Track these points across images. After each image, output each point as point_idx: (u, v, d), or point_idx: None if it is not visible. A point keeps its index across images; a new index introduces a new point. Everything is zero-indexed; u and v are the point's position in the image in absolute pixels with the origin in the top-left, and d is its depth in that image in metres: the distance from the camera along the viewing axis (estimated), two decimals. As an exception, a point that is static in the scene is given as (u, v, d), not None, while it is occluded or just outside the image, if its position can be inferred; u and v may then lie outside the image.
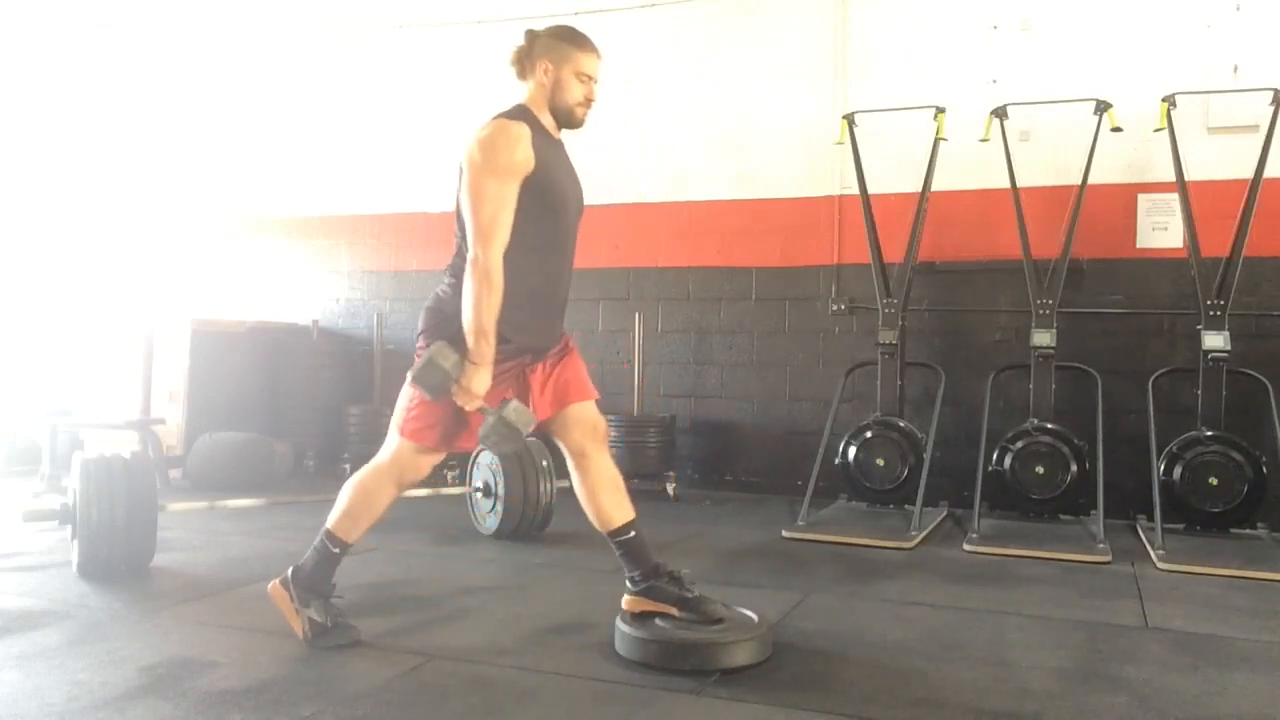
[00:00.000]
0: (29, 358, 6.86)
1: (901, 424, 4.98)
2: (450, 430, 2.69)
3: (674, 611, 2.74)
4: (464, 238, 2.62)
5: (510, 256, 2.57)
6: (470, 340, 2.54)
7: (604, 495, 2.77)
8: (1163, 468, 4.51)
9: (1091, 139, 4.83)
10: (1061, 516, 4.80)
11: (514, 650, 2.78)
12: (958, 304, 5.45)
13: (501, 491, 4.33)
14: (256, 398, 6.55)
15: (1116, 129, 4.81)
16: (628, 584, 2.81)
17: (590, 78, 2.74)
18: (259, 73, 7.12)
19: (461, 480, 4.94)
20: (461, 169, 2.63)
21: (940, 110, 5.11)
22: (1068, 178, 5.00)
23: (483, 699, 2.41)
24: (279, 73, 7.07)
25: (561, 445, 2.83)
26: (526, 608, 3.27)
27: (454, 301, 2.62)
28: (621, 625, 2.73)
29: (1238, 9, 5.01)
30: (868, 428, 4.97)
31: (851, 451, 4.94)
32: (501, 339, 2.59)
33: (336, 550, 2.79)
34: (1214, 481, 4.41)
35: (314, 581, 2.79)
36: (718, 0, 5.95)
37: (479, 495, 4.47)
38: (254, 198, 7.16)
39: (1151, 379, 4.80)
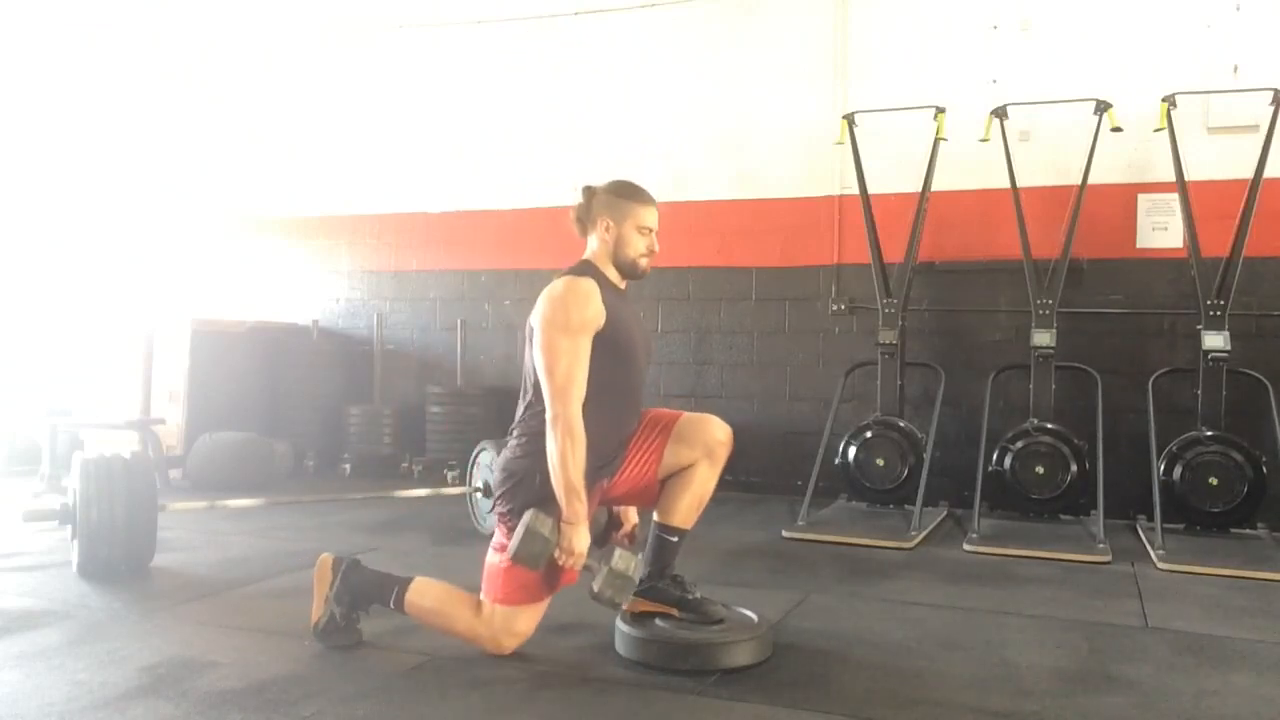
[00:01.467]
0: (29, 358, 6.85)
1: (901, 424, 4.98)
2: (549, 575, 2.65)
3: (674, 612, 2.75)
4: (536, 395, 2.64)
5: (585, 409, 2.57)
6: (563, 500, 2.53)
7: (687, 497, 2.77)
8: (1163, 468, 4.51)
9: (1091, 139, 4.83)
10: (1061, 516, 4.79)
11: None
12: (958, 304, 5.45)
13: (501, 491, 4.33)
14: (256, 398, 6.55)
15: (1116, 129, 4.81)
16: (631, 584, 2.81)
17: (650, 230, 2.76)
18: (259, 73, 7.12)
19: (461, 480, 4.94)
20: (532, 328, 2.64)
21: (940, 110, 5.11)
22: (1068, 178, 5.00)
23: (483, 699, 2.41)
24: (279, 73, 7.06)
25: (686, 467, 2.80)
26: (526, 608, 3.26)
27: (524, 461, 2.64)
28: (622, 625, 2.73)
29: (1238, 9, 5.01)
30: (868, 428, 4.97)
31: (851, 451, 4.94)
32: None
33: (390, 607, 2.77)
34: (1214, 481, 4.41)
35: (362, 594, 2.78)
36: (718, 0, 5.94)
37: (479, 495, 4.47)
38: (254, 198, 7.16)
39: (1151, 379, 4.80)
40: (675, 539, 2.79)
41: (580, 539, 2.55)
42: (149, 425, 5.61)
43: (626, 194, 2.75)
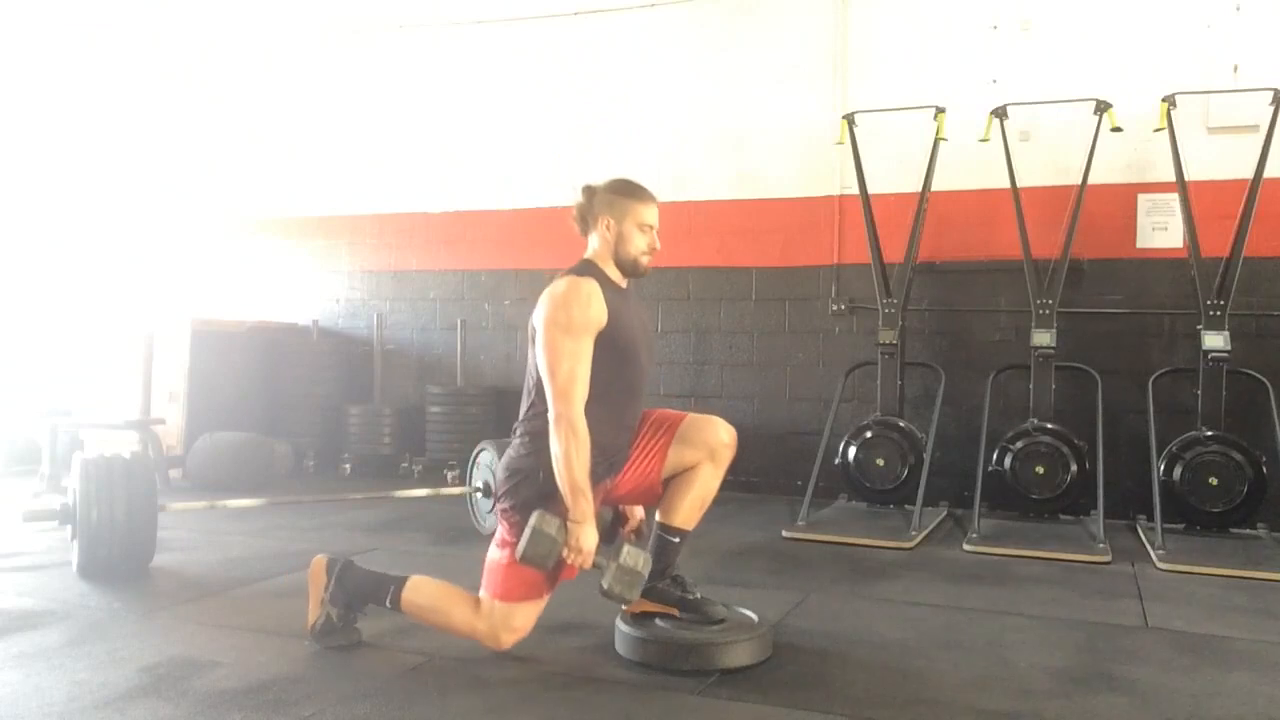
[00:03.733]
0: (29, 358, 6.85)
1: (901, 424, 4.98)
2: (552, 571, 2.64)
3: (675, 613, 2.75)
4: (539, 395, 2.64)
5: (588, 408, 2.57)
6: (569, 499, 2.53)
7: (690, 498, 2.77)
8: (1163, 468, 4.50)
9: (1091, 139, 4.83)
10: (1061, 516, 4.79)
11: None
12: (958, 304, 5.45)
13: (501, 491, 4.33)
14: (256, 398, 6.55)
15: (1116, 129, 4.81)
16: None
17: (651, 227, 2.75)
18: (259, 73, 7.12)
19: (462, 480, 4.94)
20: (534, 328, 2.64)
21: (940, 110, 5.11)
22: (1068, 178, 5.00)
23: (483, 699, 2.41)
24: (279, 73, 7.06)
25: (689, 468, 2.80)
26: (526, 608, 3.27)
27: (528, 460, 2.63)
28: (622, 625, 2.73)
29: (1238, 9, 5.01)
30: (868, 428, 4.97)
31: (851, 451, 4.94)
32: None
33: (385, 607, 2.77)
34: (1214, 481, 4.41)
35: (357, 594, 2.79)
36: (718, 0, 5.95)
37: (479, 495, 4.47)
38: (254, 198, 7.16)
39: (1151, 379, 4.80)
40: (677, 539, 2.79)
41: (588, 537, 2.55)
42: (149, 425, 5.60)
43: (627, 192, 2.75)
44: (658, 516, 2.81)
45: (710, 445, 2.76)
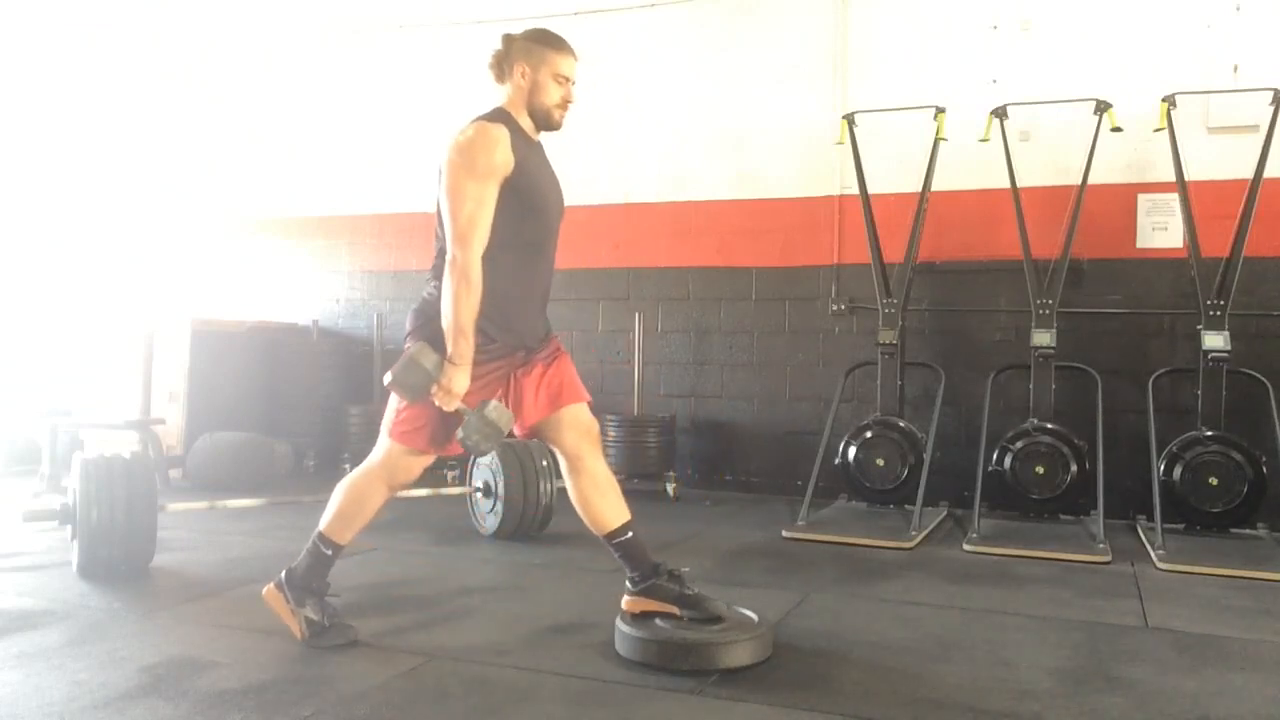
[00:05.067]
0: (29, 358, 6.85)
1: (901, 424, 4.98)
2: (439, 432, 2.70)
3: (676, 611, 2.74)
4: (445, 239, 2.64)
5: (491, 257, 2.59)
6: (449, 340, 2.56)
7: (599, 498, 2.79)
8: (1163, 468, 4.50)
9: (1091, 139, 4.83)
10: (1061, 516, 4.79)
11: (514, 650, 2.78)
12: (958, 304, 5.45)
13: (501, 491, 4.33)
14: (256, 398, 6.55)
15: (1116, 129, 4.81)
16: (628, 584, 2.81)
17: (568, 79, 2.77)
18: (259, 73, 7.12)
19: (461, 480, 4.94)
20: (440, 171, 2.63)
21: (940, 110, 5.11)
22: (1068, 178, 5.00)
23: (483, 699, 2.41)
24: (279, 73, 7.07)
25: (555, 449, 2.84)
26: (526, 608, 3.27)
27: (439, 303, 2.63)
28: (621, 625, 2.73)
29: (1238, 9, 5.01)
30: (868, 428, 4.97)
31: (851, 451, 4.94)
32: (487, 339, 2.62)
33: (329, 552, 2.79)
34: (1214, 481, 4.41)
35: (308, 582, 2.80)
36: (717, 0, 5.95)
37: (479, 495, 4.47)
38: (254, 198, 7.16)
39: (1151, 379, 4.80)
40: (629, 534, 2.80)
41: (459, 381, 2.57)
42: (149, 425, 5.60)
43: (545, 41, 2.75)
44: (598, 532, 2.81)
45: (584, 425, 2.79)
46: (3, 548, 4.04)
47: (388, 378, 2.63)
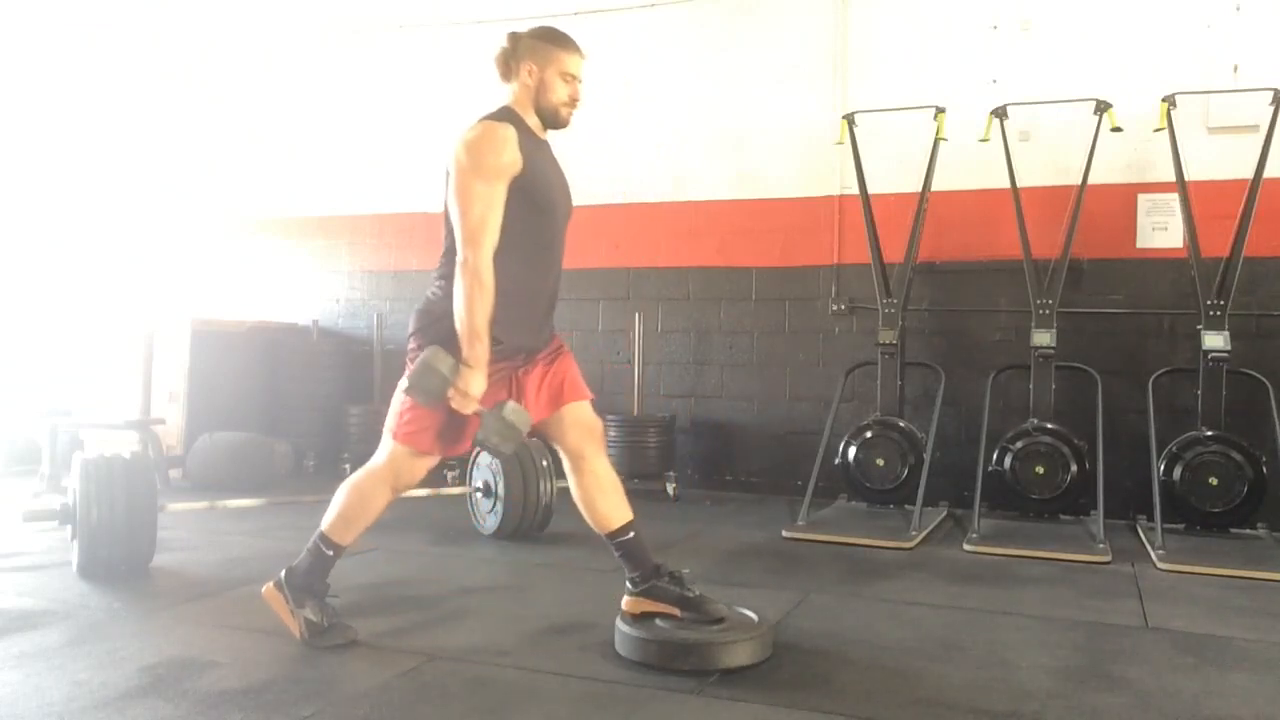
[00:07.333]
0: (29, 358, 6.85)
1: (901, 424, 4.98)
2: (444, 433, 2.69)
3: (676, 612, 2.74)
4: (453, 240, 2.63)
5: (500, 257, 2.58)
6: (464, 343, 2.55)
7: (602, 497, 2.78)
8: (1163, 468, 4.50)
9: (1091, 139, 4.83)
10: (1061, 516, 4.79)
11: (514, 650, 2.78)
12: (958, 304, 5.45)
13: (501, 491, 4.33)
14: (256, 398, 6.55)
15: (1116, 129, 4.81)
16: (628, 585, 2.81)
17: (574, 77, 2.75)
18: (259, 73, 7.12)
19: (461, 480, 4.94)
20: (448, 172, 2.62)
21: (940, 110, 5.11)
22: (1068, 178, 5.00)
23: (483, 699, 2.41)
24: (279, 73, 7.06)
25: (558, 447, 2.84)
26: (526, 608, 3.27)
27: (444, 303, 2.62)
28: (621, 625, 2.73)
29: (1238, 9, 5.00)
30: (868, 428, 4.97)
31: (851, 451, 4.94)
32: (494, 340, 2.60)
33: (330, 553, 2.79)
34: (1214, 481, 4.41)
35: (308, 582, 2.79)
36: (717, 0, 5.95)
37: (479, 495, 4.47)
38: (254, 198, 7.16)
39: (1151, 379, 4.79)
40: (631, 534, 2.80)
41: (476, 384, 2.55)
42: (149, 425, 5.60)
43: (552, 39, 2.74)
44: (600, 531, 2.81)
45: (587, 424, 2.79)
46: (3, 548, 4.04)
47: (404, 384, 2.61)
